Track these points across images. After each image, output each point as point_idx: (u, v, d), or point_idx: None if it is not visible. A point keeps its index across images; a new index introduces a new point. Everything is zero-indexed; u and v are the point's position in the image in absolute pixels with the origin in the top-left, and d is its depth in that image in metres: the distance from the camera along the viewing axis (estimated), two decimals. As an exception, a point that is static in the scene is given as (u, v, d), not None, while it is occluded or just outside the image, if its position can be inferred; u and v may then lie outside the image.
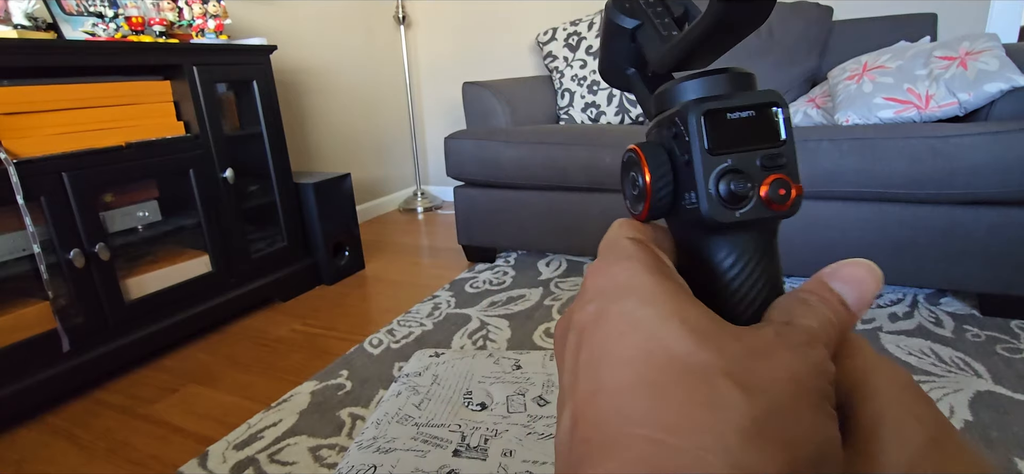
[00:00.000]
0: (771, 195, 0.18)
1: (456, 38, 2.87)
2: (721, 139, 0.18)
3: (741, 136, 0.18)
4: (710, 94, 0.19)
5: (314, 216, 1.81)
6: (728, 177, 0.18)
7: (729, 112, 0.18)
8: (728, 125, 0.18)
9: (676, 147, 0.19)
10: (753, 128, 0.18)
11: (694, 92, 0.19)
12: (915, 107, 1.39)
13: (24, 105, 1.16)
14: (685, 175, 0.18)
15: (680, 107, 0.18)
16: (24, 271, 1.18)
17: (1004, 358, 1.17)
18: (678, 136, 0.18)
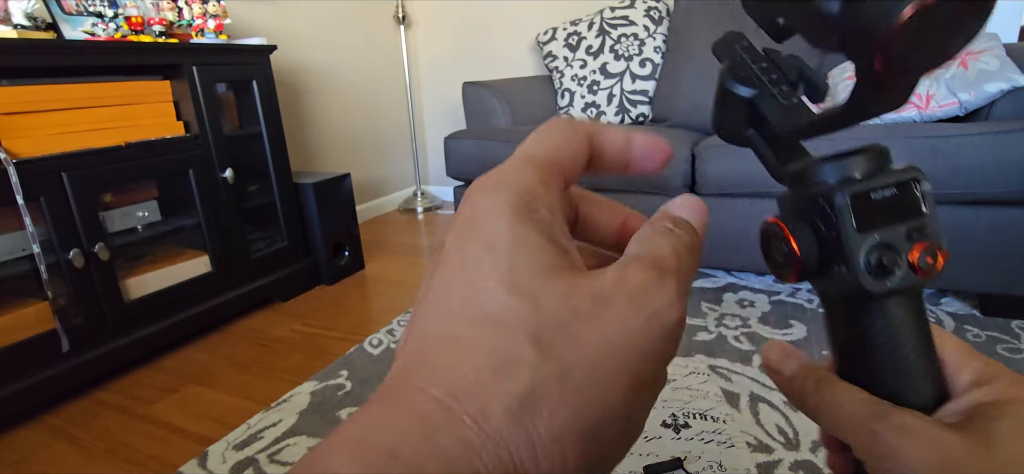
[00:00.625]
0: (920, 263, 0.19)
1: (456, 38, 2.87)
2: (868, 218, 0.19)
3: (886, 213, 0.19)
4: (852, 175, 0.19)
5: (314, 216, 1.81)
6: (877, 252, 0.19)
7: (873, 192, 0.19)
8: (873, 205, 0.19)
9: (821, 223, 0.19)
10: (897, 204, 0.19)
11: (836, 173, 0.20)
12: (915, 107, 1.39)
13: (24, 105, 1.16)
14: (833, 249, 0.19)
15: (825, 188, 0.19)
16: (24, 271, 1.18)
17: (1005, 358, 1.17)
18: (824, 214, 0.19)
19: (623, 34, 2.14)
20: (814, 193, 0.20)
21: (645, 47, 2.10)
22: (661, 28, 2.12)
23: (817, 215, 0.20)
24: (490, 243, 0.15)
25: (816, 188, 0.20)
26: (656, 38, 2.11)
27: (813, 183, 0.20)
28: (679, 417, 1.03)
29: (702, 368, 1.18)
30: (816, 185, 0.20)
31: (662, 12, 2.14)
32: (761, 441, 0.95)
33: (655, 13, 2.13)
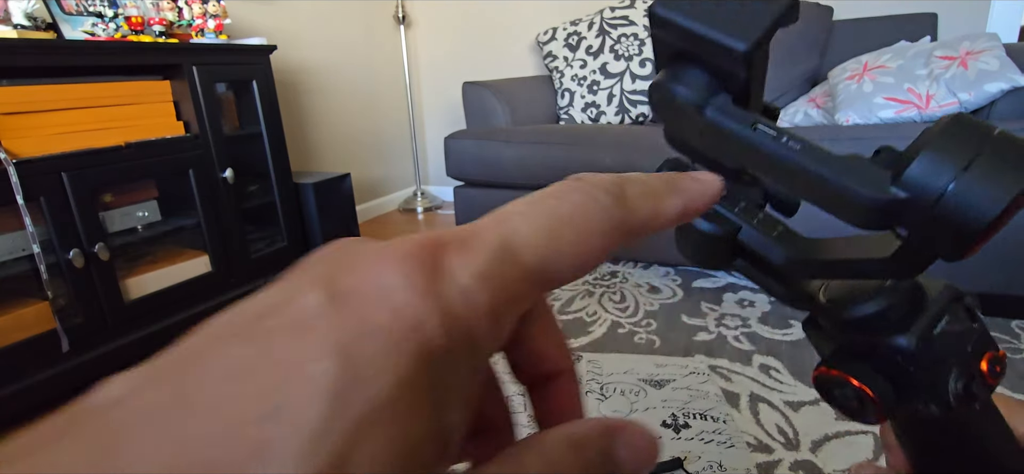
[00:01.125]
0: (991, 373, 0.19)
1: (456, 38, 2.87)
2: (937, 353, 0.19)
3: (951, 340, 0.19)
4: (897, 313, 0.19)
5: (314, 216, 1.81)
6: (959, 382, 0.19)
7: (935, 327, 0.19)
8: (937, 339, 0.19)
9: (890, 366, 0.19)
10: (956, 326, 0.19)
11: (880, 315, 0.20)
12: (916, 107, 1.39)
13: (24, 105, 1.16)
14: (911, 390, 0.19)
15: (888, 338, 0.19)
16: (23, 271, 1.18)
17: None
18: (892, 360, 0.19)
19: (623, 34, 2.14)
20: (875, 343, 0.19)
21: (645, 47, 2.10)
22: (661, 28, 2.12)
23: (883, 360, 0.19)
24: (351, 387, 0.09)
25: (871, 336, 0.20)
26: (656, 38, 2.11)
27: (860, 329, 0.20)
28: (679, 417, 1.03)
29: (702, 368, 1.18)
30: (864, 331, 0.20)
31: (662, 12, 2.14)
32: (761, 441, 0.95)
33: (655, 13, 2.13)
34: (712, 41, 0.17)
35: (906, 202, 0.16)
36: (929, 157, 0.16)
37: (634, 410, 1.06)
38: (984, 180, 0.15)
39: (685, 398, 1.09)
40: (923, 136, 0.17)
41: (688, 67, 0.19)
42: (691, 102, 0.19)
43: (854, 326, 0.20)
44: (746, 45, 0.17)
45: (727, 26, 0.17)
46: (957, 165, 0.15)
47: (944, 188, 0.15)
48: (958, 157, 0.15)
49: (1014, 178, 0.15)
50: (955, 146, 0.16)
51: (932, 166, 0.16)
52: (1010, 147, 0.15)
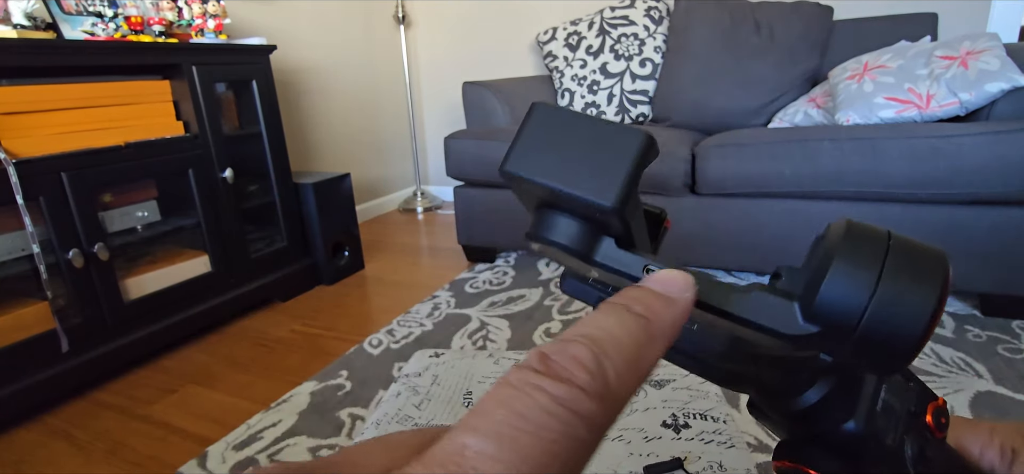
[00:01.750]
0: (937, 425, 0.19)
1: (456, 38, 2.87)
2: (885, 429, 0.18)
3: (893, 408, 0.19)
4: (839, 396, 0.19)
5: (314, 216, 1.81)
6: (915, 448, 0.18)
7: (876, 404, 0.18)
8: (881, 415, 0.18)
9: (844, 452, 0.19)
10: (894, 393, 0.19)
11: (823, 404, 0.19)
12: (916, 107, 1.39)
13: (23, 105, 1.16)
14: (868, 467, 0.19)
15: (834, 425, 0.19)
16: (23, 271, 1.18)
17: (1005, 358, 1.17)
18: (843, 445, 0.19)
19: (623, 34, 2.14)
20: (821, 427, 0.19)
21: (645, 47, 2.10)
22: (661, 28, 2.12)
23: (835, 445, 0.19)
24: None
25: (815, 425, 0.19)
26: (656, 38, 2.11)
27: (806, 419, 0.19)
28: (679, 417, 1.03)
29: (702, 368, 1.17)
30: (814, 418, 0.19)
31: (662, 12, 2.14)
32: (762, 441, 0.95)
33: (655, 13, 2.13)
34: (577, 199, 0.17)
35: (822, 334, 0.15)
36: (836, 281, 0.15)
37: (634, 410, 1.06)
38: (901, 295, 0.14)
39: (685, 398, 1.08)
40: (819, 252, 0.16)
41: (559, 218, 0.18)
42: (575, 253, 0.18)
43: (799, 417, 0.20)
44: (612, 201, 0.16)
45: (587, 183, 0.17)
46: (868, 285, 0.15)
47: (861, 312, 0.15)
48: (866, 275, 0.15)
49: (930, 287, 0.14)
50: (859, 262, 0.15)
51: (842, 290, 0.15)
52: (912, 252, 0.15)
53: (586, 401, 0.11)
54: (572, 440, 0.11)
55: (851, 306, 0.15)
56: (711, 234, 1.55)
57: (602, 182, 0.16)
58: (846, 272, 0.15)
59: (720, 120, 1.94)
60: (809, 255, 0.18)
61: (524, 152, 0.18)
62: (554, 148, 0.17)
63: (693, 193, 1.58)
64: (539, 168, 0.17)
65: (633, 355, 0.13)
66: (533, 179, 0.17)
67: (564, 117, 0.18)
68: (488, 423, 0.11)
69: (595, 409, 0.11)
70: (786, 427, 0.21)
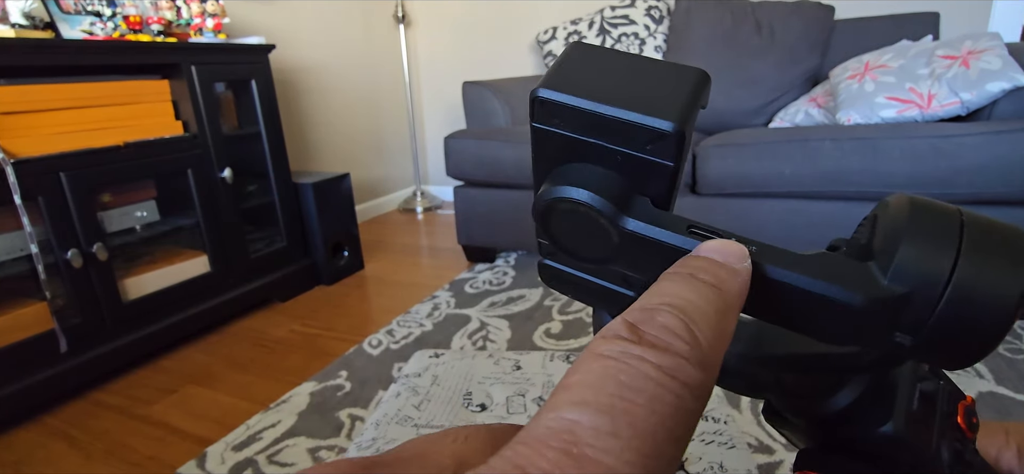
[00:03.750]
0: (968, 425, 0.18)
1: (456, 38, 2.87)
2: (922, 432, 0.17)
3: (924, 410, 0.17)
4: (872, 398, 0.17)
5: (313, 216, 1.81)
6: (949, 452, 0.17)
7: (912, 404, 0.17)
8: (918, 416, 0.17)
9: (875, 459, 0.17)
10: (926, 394, 0.17)
11: (855, 406, 0.17)
12: (917, 106, 1.39)
13: (22, 104, 1.16)
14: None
15: (868, 429, 0.17)
16: (22, 271, 1.17)
17: (1006, 358, 1.16)
18: (876, 451, 0.17)
19: (623, 33, 2.13)
20: (850, 432, 0.17)
21: (646, 47, 2.10)
22: (662, 27, 2.11)
23: (866, 451, 0.17)
24: None
25: (847, 430, 0.18)
26: (656, 37, 2.10)
27: (839, 420, 0.18)
28: (680, 418, 1.03)
29: (703, 369, 1.17)
30: (845, 423, 0.18)
31: (663, 11, 2.13)
32: (762, 442, 0.95)
33: (656, 12, 2.13)
34: (632, 124, 0.14)
35: (906, 298, 0.13)
36: (915, 245, 0.13)
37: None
38: (987, 267, 0.13)
39: (686, 399, 1.08)
40: (884, 224, 0.15)
41: (589, 168, 0.16)
42: (605, 212, 0.15)
43: (828, 421, 0.18)
44: (674, 123, 0.14)
45: (646, 105, 0.14)
46: (949, 253, 0.13)
47: (946, 277, 0.13)
48: (946, 243, 0.13)
49: (1017, 260, 0.13)
50: (936, 232, 0.13)
51: (923, 255, 0.13)
52: (990, 228, 0.14)
53: (691, 369, 0.11)
54: (684, 412, 0.10)
55: (939, 265, 0.13)
56: (711, 234, 1.55)
57: (661, 105, 0.14)
58: (922, 243, 0.13)
59: (720, 120, 1.93)
60: (863, 232, 0.15)
61: (564, 76, 0.15)
62: (600, 75, 0.15)
63: (693, 193, 1.57)
64: (584, 91, 0.15)
65: (716, 323, 0.12)
66: (575, 103, 0.15)
67: (609, 52, 0.15)
68: (598, 397, 0.10)
69: (700, 378, 0.11)
70: (811, 433, 0.19)
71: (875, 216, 0.16)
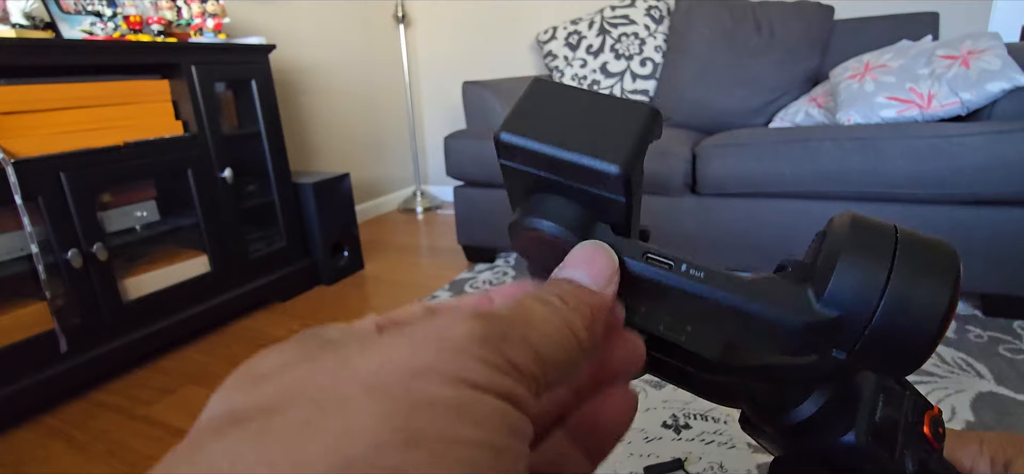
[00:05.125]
0: (934, 436, 0.18)
1: (456, 38, 2.87)
2: (885, 441, 0.17)
3: (892, 419, 0.18)
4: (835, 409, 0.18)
5: (313, 216, 1.81)
6: (909, 462, 0.17)
7: (874, 414, 0.18)
8: (881, 426, 0.17)
9: (841, 467, 0.18)
10: (891, 402, 0.18)
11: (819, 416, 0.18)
12: (917, 106, 1.38)
13: (22, 104, 1.16)
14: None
15: (832, 438, 0.18)
16: (22, 271, 1.17)
17: (1006, 359, 1.16)
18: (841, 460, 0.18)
19: (624, 33, 2.13)
20: (817, 442, 0.18)
21: (646, 46, 2.10)
22: (662, 27, 2.11)
23: (832, 460, 0.18)
24: None
25: (811, 439, 0.18)
26: (657, 37, 2.10)
27: (804, 430, 0.18)
28: (680, 418, 1.03)
29: (703, 369, 1.17)
30: (810, 433, 0.18)
31: (663, 11, 2.13)
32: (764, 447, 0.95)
33: (656, 12, 2.13)
34: (581, 167, 0.15)
35: (837, 321, 0.14)
36: (849, 267, 0.14)
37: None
38: (914, 288, 0.14)
39: (686, 398, 1.08)
40: (824, 247, 0.16)
41: (552, 199, 0.17)
42: (566, 239, 0.17)
43: (795, 431, 0.19)
44: (619, 166, 0.15)
45: (593, 148, 0.15)
46: (881, 273, 0.14)
47: (877, 300, 0.14)
48: (879, 264, 0.14)
49: (943, 279, 0.14)
50: (869, 256, 0.14)
51: (856, 276, 0.14)
52: (921, 245, 0.14)
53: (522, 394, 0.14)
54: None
55: (869, 289, 0.14)
56: (711, 234, 1.55)
57: (608, 146, 0.15)
58: (856, 264, 0.14)
59: (720, 120, 1.93)
60: (811, 251, 0.17)
61: (522, 118, 0.16)
62: (555, 117, 0.16)
63: (693, 193, 1.57)
64: (538, 133, 0.16)
65: (560, 347, 0.15)
66: (531, 146, 0.16)
67: (566, 90, 0.17)
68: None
69: (530, 401, 0.14)
70: (781, 443, 0.20)
71: (823, 234, 0.17)
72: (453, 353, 0.12)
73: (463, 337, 0.12)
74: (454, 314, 0.13)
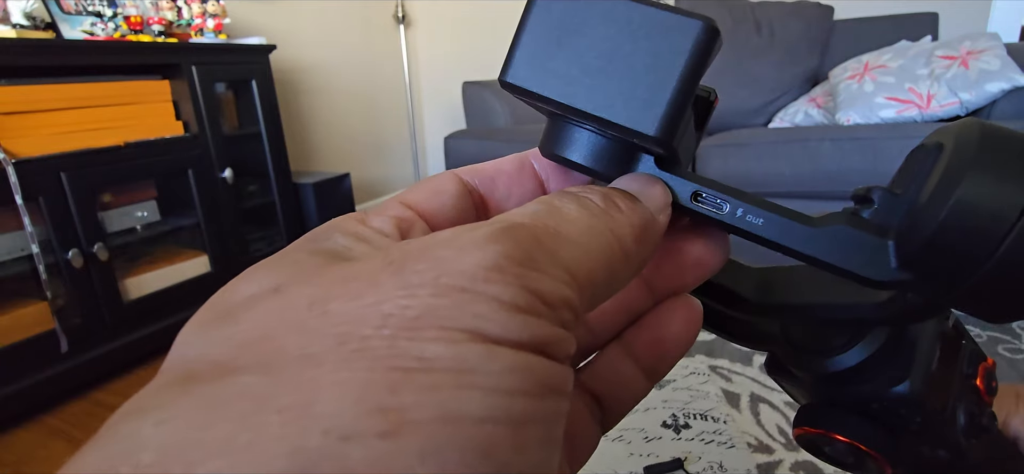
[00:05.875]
0: (988, 390, 0.17)
1: (456, 38, 2.87)
2: (937, 393, 0.16)
3: (944, 372, 0.16)
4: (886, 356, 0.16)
5: (313, 216, 1.81)
6: (966, 419, 0.16)
7: (931, 365, 0.16)
8: (935, 378, 0.16)
9: (885, 419, 0.16)
10: (947, 353, 0.16)
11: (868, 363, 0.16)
12: (916, 106, 1.39)
13: (23, 105, 1.16)
14: (912, 437, 0.16)
15: (880, 387, 0.16)
16: (22, 271, 1.18)
17: (1007, 358, 1.17)
18: (887, 411, 0.16)
19: (623, 34, 2.13)
20: (861, 391, 0.16)
21: (645, 47, 2.10)
22: (661, 28, 2.11)
23: (877, 411, 0.16)
24: None
25: (857, 388, 0.16)
26: (656, 38, 2.10)
27: (846, 380, 0.17)
28: (679, 418, 1.03)
29: (702, 368, 1.17)
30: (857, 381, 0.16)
31: (662, 12, 2.14)
32: (762, 442, 0.95)
33: (655, 13, 2.13)
34: (607, 122, 0.13)
35: (920, 279, 0.12)
36: (973, 196, 0.11)
37: (634, 410, 1.06)
38: None
39: (685, 398, 1.08)
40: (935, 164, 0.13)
41: (580, 133, 0.14)
42: (600, 174, 0.14)
43: (837, 378, 0.17)
44: (656, 128, 0.12)
45: (621, 99, 0.12)
46: (1018, 197, 0.11)
47: (1004, 235, 0.11)
48: (1015, 185, 0.11)
49: None
50: (1005, 170, 0.11)
51: (980, 207, 0.11)
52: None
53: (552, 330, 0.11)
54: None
55: (987, 233, 0.11)
56: (711, 234, 1.55)
57: (642, 98, 0.12)
58: (984, 187, 0.11)
59: (720, 120, 1.93)
60: (908, 171, 0.14)
61: (530, 54, 0.13)
62: (572, 48, 0.13)
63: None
64: (551, 78, 0.13)
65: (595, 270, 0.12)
66: (543, 95, 0.13)
67: (586, 6, 0.13)
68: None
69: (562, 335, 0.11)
70: (817, 390, 0.18)
71: (920, 152, 0.14)
72: (457, 294, 0.09)
73: (471, 270, 0.09)
74: (468, 236, 0.10)
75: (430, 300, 0.09)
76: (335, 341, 0.09)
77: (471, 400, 0.08)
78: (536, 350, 0.09)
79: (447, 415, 0.08)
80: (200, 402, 0.08)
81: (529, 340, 0.09)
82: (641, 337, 0.15)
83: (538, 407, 0.09)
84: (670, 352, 0.15)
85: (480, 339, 0.09)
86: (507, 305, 0.09)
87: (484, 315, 0.09)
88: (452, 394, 0.08)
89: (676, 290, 0.16)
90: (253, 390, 0.08)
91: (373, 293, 0.09)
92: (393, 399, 0.08)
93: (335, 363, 0.08)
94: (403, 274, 0.09)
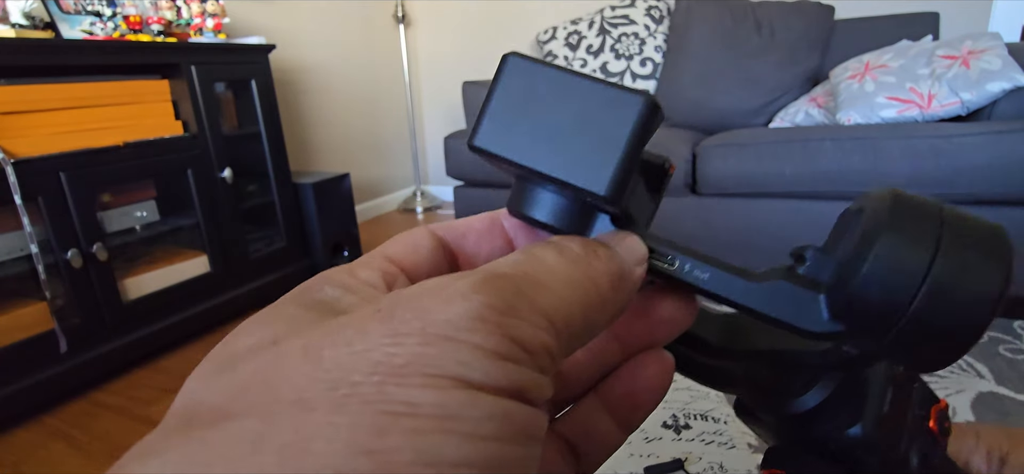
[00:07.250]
0: (941, 429, 0.17)
1: (456, 37, 2.87)
2: (892, 435, 0.17)
3: (899, 412, 0.17)
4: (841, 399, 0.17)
5: (313, 216, 1.81)
6: (917, 454, 0.17)
7: (883, 407, 0.17)
8: (888, 419, 0.17)
9: (843, 459, 0.17)
10: (899, 397, 0.17)
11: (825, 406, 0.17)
12: (917, 106, 1.38)
13: (22, 104, 1.16)
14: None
15: (836, 430, 0.17)
16: (21, 271, 1.17)
17: (1007, 359, 1.16)
18: (844, 452, 0.17)
19: (624, 33, 2.13)
20: (820, 433, 0.17)
21: (646, 46, 2.10)
22: (662, 27, 2.11)
23: (835, 452, 0.17)
24: None
25: (814, 430, 0.17)
26: (657, 37, 2.10)
27: (804, 423, 0.18)
28: (680, 418, 1.03)
29: (703, 369, 1.17)
30: (814, 422, 0.17)
31: (663, 11, 2.13)
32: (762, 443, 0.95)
33: (656, 12, 2.12)
34: (562, 183, 0.14)
35: (850, 331, 0.14)
36: (884, 259, 0.13)
37: (634, 411, 1.06)
38: (963, 273, 0.12)
39: (686, 399, 1.08)
40: (857, 227, 0.14)
41: (542, 194, 0.16)
42: (562, 232, 0.16)
43: (797, 420, 0.18)
44: (606, 188, 0.14)
45: (575, 163, 0.14)
46: (923, 262, 0.13)
47: (913, 295, 0.12)
48: (921, 251, 0.13)
49: (996, 263, 0.12)
50: (912, 237, 0.13)
51: (891, 269, 0.13)
52: (970, 225, 0.13)
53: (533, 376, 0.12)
54: None
55: (900, 288, 0.13)
56: (711, 234, 1.55)
57: (593, 162, 0.14)
58: (896, 247, 0.13)
59: (720, 120, 1.93)
60: (837, 233, 0.15)
61: (496, 121, 0.15)
62: (533, 116, 0.14)
63: (693, 193, 1.57)
64: (514, 143, 0.14)
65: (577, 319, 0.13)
66: (507, 157, 0.14)
67: (546, 76, 0.14)
68: None
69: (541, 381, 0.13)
70: (780, 432, 0.19)
71: (848, 215, 0.16)
72: (442, 342, 0.10)
73: (455, 319, 0.10)
74: (454, 287, 0.11)
75: (417, 348, 0.10)
76: (327, 387, 0.09)
77: (449, 444, 0.09)
78: (515, 395, 0.10)
79: (428, 459, 0.09)
80: (200, 445, 0.09)
81: (508, 386, 0.10)
82: (615, 390, 0.16)
83: (512, 452, 0.10)
84: (643, 404, 0.16)
85: (463, 385, 0.09)
86: (489, 353, 0.10)
87: (467, 363, 0.10)
88: (434, 439, 0.09)
89: (648, 346, 0.17)
90: (250, 433, 0.09)
91: (363, 341, 0.10)
92: (380, 442, 0.08)
93: (327, 408, 0.09)
94: (391, 323, 0.10)
